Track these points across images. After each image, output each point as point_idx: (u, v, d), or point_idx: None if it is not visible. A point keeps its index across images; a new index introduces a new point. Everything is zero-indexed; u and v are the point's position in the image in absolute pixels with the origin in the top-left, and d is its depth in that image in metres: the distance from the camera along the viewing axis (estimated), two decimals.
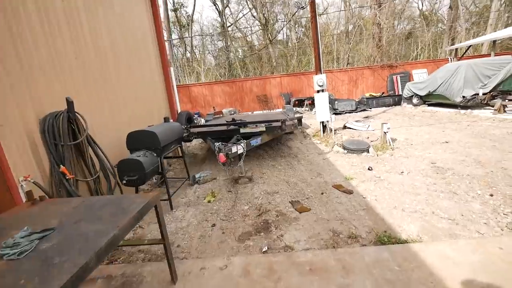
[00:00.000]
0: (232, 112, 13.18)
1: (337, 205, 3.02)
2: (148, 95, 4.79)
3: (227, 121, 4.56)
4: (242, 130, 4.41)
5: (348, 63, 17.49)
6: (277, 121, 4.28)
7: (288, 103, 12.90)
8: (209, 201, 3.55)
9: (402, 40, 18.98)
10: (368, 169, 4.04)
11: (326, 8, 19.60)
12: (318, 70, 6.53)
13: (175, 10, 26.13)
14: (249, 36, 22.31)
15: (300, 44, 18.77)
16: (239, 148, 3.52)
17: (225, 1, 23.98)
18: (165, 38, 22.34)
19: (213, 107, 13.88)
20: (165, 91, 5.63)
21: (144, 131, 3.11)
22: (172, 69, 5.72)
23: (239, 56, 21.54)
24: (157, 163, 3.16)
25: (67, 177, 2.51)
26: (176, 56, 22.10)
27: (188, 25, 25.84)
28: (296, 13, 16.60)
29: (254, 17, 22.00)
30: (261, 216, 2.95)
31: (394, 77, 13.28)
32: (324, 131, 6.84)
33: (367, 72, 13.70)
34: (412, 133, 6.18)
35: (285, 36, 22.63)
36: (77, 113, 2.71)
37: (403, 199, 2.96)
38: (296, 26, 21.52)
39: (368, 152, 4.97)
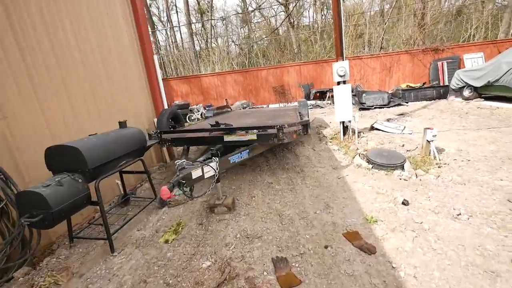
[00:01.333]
0: (245, 106, 12.10)
1: (346, 279, 1.83)
2: (116, 90, 3.88)
3: (211, 125, 3.51)
4: (226, 138, 3.32)
5: (381, 48, 15.11)
6: (271, 127, 3.10)
7: (308, 95, 11.40)
8: (166, 241, 2.58)
9: (451, 18, 15.86)
10: (403, 203, 2.72)
11: None
12: (340, 55, 5.10)
13: None
14: (272, 20, 20.60)
15: (325, 26, 16.66)
16: (207, 171, 2.46)
17: None
18: (174, 24, 21.52)
19: (226, 99, 12.89)
20: (147, 86, 4.70)
21: (63, 146, 2.18)
22: (156, 57, 4.75)
23: (259, 43, 20.03)
24: (85, 192, 2.23)
25: None
26: (199, 45, 21.33)
27: (207, 11, 24.82)
28: None
29: (277, 1, 20.15)
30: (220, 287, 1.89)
31: (439, 63, 10.95)
32: (344, 133, 5.46)
33: (404, 57, 11.51)
34: (467, 140, 4.54)
35: (311, 20, 20.51)
36: None
37: (467, 285, 1.67)
38: (324, 8, 19.26)
39: (402, 169, 3.59)
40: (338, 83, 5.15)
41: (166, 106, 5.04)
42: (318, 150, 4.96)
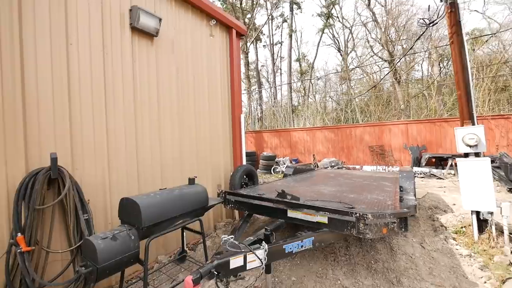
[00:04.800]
0: (333, 164, 11.09)
1: None
2: (202, 145, 4.28)
3: (278, 192, 3.10)
4: (290, 213, 2.76)
5: None
6: (348, 213, 2.31)
7: (417, 161, 9.14)
8: None
9: None
10: None
11: (497, 32, 13.80)
12: (467, 118, 3.73)
13: (298, 60, 28.51)
14: (375, 76, 19.66)
15: (444, 80, 13.94)
16: (251, 259, 1.96)
17: (349, 47, 23.28)
18: (277, 83, 24.24)
19: (313, 155, 12.39)
20: (231, 142, 5.02)
21: (129, 199, 2.34)
22: (243, 116, 5.12)
23: (358, 98, 19.12)
24: (135, 250, 2.22)
25: (20, 250, 2.04)
26: (297, 101, 23.06)
27: (307, 72, 27.07)
28: (439, 43, 12.61)
29: (380, 58, 19.42)
30: None
31: None
32: (481, 230, 3.61)
33: None
34: None
35: (425, 74, 18.07)
36: (60, 169, 2.35)
37: None
38: (443, 59, 16.67)
39: None
40: (466, 155, 3.67)
41: (244, 162, 5.13)
42: (430, 249, 3.40)
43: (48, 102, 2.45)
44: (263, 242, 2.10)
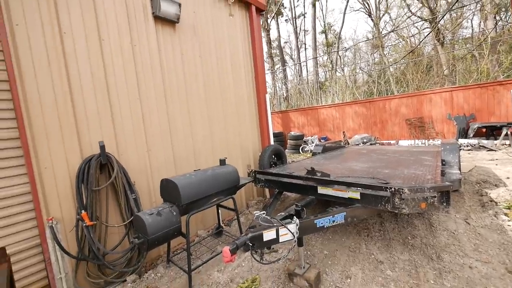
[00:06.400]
0: (365, 140, 10.56)
1: None
2: (230, 127, 4.38)
3: (307, 170, 3.09)
4: (320, 190, 2.76)
5: None
6: (382, 188, 2.23)
7: (463, 132, 8.23)
8: None
9: None
10: None
11: None
12: None
13: (323, 32, 26.53)
14: (412, 40, 17.50)
15: (500, 36, 11.82)
16: (282, 233, 2.04)
17: (381, 10, 20.85)
18: (300, 59, 22.94)
19: (343, 132, 11.89)
20: (258, 122, 5.04)
21: (168, 180, 2.55)
22: (268, 96, 5.06)
23: (393, 67, 17.39)
24: (177, 224, 2.47)
25: (85, 224, 2.41)
26: (324, 77, 21.92)
27: (333, 44, 25.12)
28: None
29: (419, 18, 17.06)
30: None
31: None
32: None
33: None
34: None
35: (475, 30, 15.53)
36: (108, 155, 2.63)
37: None
38: (499, 11, 14.04)
39: None
40: None
41: (272, 142, 5.15)
42: (476, 225, 3.17)
43: (91, 97, 2.70)
44: (294, 217, 2.16)
